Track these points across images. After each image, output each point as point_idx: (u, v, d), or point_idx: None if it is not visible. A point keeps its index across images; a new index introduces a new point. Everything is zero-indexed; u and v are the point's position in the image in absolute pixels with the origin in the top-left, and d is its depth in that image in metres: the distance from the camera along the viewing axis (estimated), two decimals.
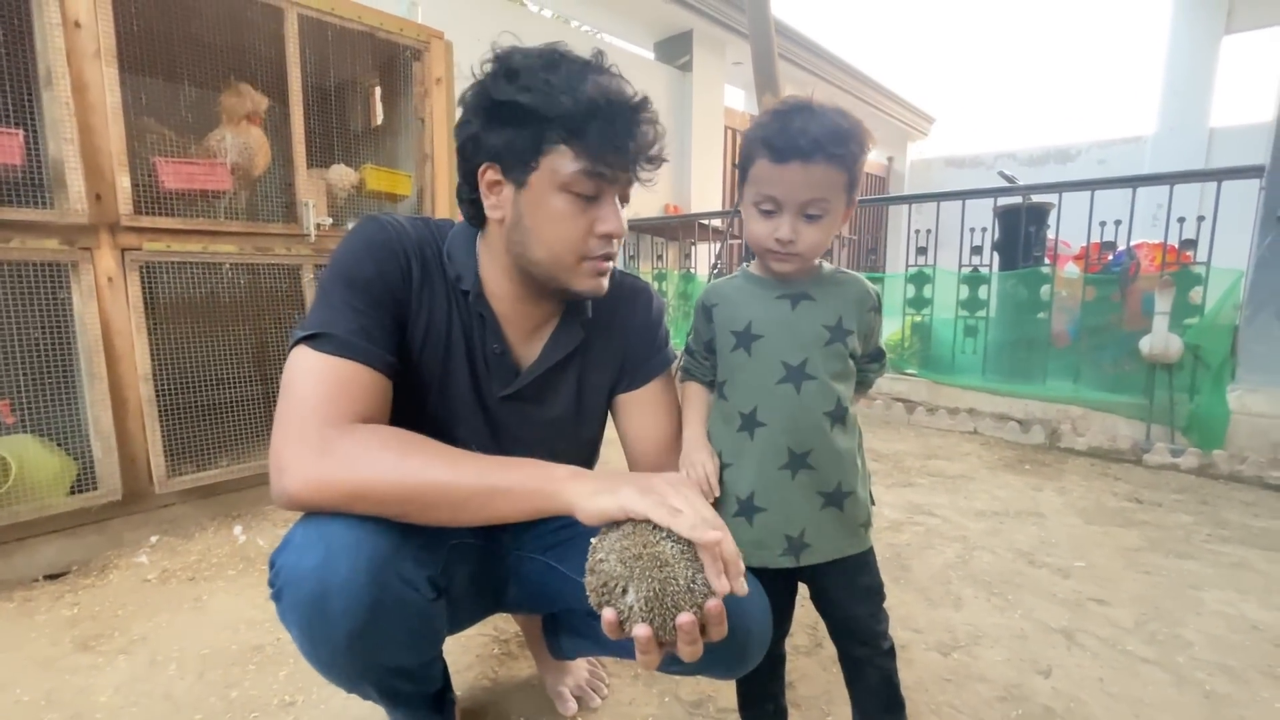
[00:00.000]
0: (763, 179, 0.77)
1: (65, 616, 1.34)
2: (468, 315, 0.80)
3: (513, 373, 0.83)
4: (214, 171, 1.70)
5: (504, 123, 0.70)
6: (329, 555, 0.61)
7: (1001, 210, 3.35)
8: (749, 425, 0.81)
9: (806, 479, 0.80)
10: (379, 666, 0.70)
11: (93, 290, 1.52)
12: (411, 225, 0.79)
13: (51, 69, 1.41)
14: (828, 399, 0.80)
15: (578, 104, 0.67)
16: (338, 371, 0.67)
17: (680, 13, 5.42)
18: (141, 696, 1.09)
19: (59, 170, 1.45)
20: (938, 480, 2.31)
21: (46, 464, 1.54)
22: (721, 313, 0.85)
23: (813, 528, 0.81)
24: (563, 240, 0.72)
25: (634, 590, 0.59)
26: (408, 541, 0.66)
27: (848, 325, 0.81)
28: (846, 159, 0.75)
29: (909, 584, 1.51)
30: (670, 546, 0.60)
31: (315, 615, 0.62)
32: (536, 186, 0.72)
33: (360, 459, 0.63)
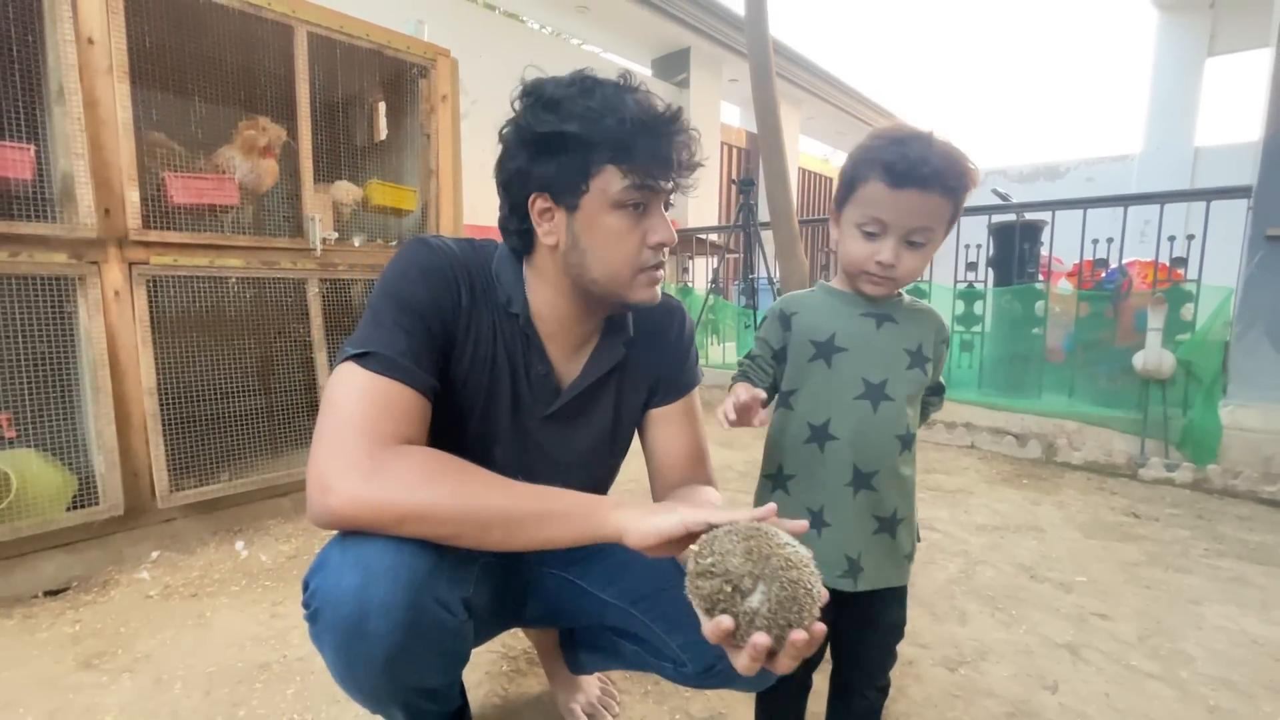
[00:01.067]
0: (873, 201, 0.76)
1: (67, 634, 1.32)
2: (513, 338, 0.81)
3: (554, 393, 0.83)
4: (222, 186, 1.71)
5: (551, 153, 0.72)
6: (368, 577, 0.61)
7: (996, 227, 3.41)
8: (819, 437, 0.81)
9: (866, 500, 0.80)
10: (411, 688, 0.70)
11: (99, 304, 1.52)
12: (460, 249, 0.80)
13: (64, 84, 1.42)
14: (901, 422, 0.80)
15: (620, 124, 0.69)
16: (385, 391, 0.68)
17: (678, 31, 5.50)
18: (148, 716, 1.08)
19: (69, 185, 1.46)
20: (937, 494, 2.32)
21: (48, 479, 1.53)
22: (802, 321, 0.84)
23: (866, 552, 0.81)
24: (620, 256, 0.74)
25: (763, 592, 0.55)
26: (443, 562, 0.66)
27: (927, 353, 0.82)
28: (958, 193, 0.75)
29: (914, 599, 1.52)
30: (794, 550, 0.58)
31: (354, 637, 0.62)
32: (588, 208, 0.73)
33: (416, 483, 0.63)
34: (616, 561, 0.88)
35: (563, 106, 0.71)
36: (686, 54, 5.85)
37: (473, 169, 4.16)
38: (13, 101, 1.41)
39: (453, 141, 2.22)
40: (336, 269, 1.94)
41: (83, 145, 1.46)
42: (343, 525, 0.64)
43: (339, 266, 1.94)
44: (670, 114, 0.73)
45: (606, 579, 0.88)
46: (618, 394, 0.88)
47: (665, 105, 0.74)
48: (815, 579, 0.58)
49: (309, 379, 1.93)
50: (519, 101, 0.75)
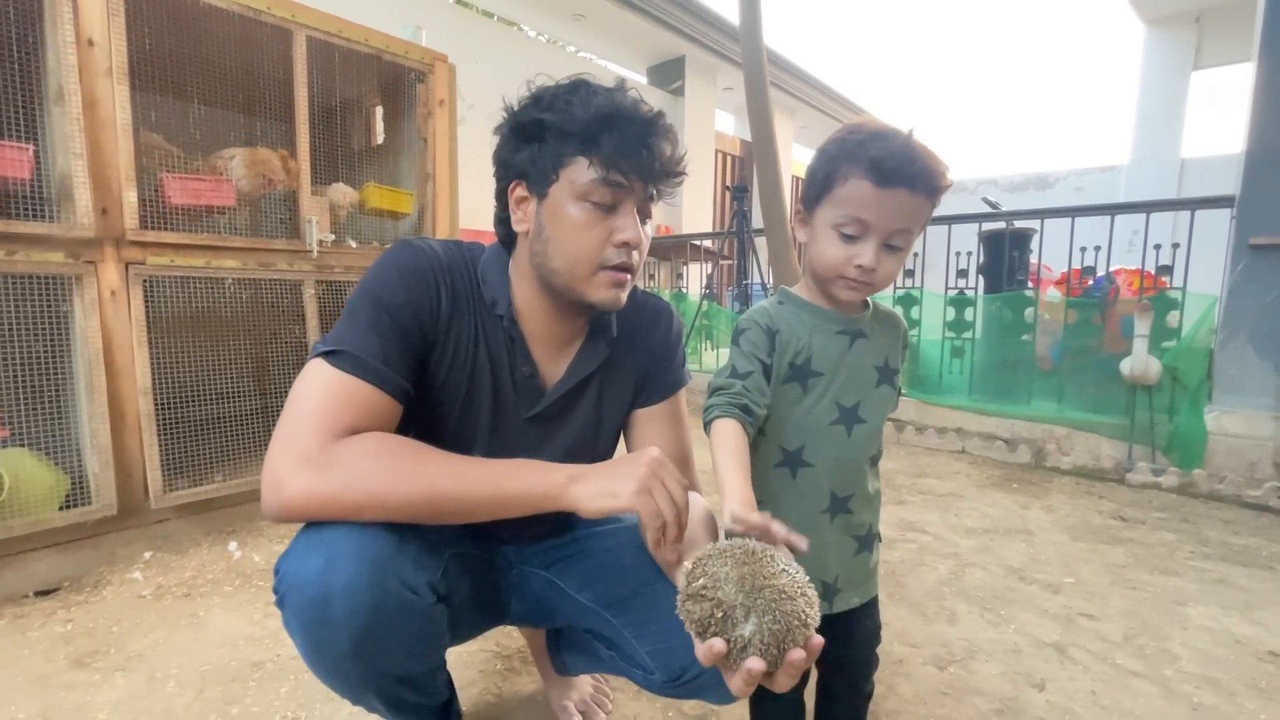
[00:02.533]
0: (855, 200, 0.70)
1: (59, 633, 1.32)
2: (497, 339, 0.81)
3: (538, 394, 0.84)
4: (219, 188, 1.72)
5: (528, 140, 0.75)
6: (330, 560, 0.62)
7: (986, 235, 3.45)
8: (792, 463, 0.78)
9: (843, 523, 0.79)
10: (383, 674, 0.71)
11: (95, 304, 1.52)
12: (445, 251, 0.80)
13: (64, 85, 1.43)
14: (873, 443, 0.80)
15: (592, 117, 0.71)
16: (349, 389, 0.68)
17: (673, 39, 5.55)
18: (141, 714, 1.08)
19: (66, 185, 1.46)
20: (928, 498, 2.34)
21: (40, 478, 1.52)
22: (782, 340, 0.79)
23: (845, 572, 0.80)
24: (580, 248, 0.73)
25: (755, 623, 0.54)
26: (407, 545, 0.67)
27: (893, 364, 0.81)
28: (938, 195, 0.72)
29: (904, 600, 1.54)
30: (788, 580, 0.56)
31: (318, 620, 0.63)
32: (556, 197, 0.74)
33: (367, 471, 0.63)
34: (596, 563, 0.89)
35: (544, 100, 0.74)
36: (681, 62, 5.90)
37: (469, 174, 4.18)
38: (12, 101, 1.41)
39: (449, 146, 2.24)
40: (333, 271, 1.95)
41: (81, 145, 1.46)
42: (297, 519, 0.64)
43: (335, 269, 1.95)
44: (649, 115, 0.73)
45: (584, 580, 0.88)
46: (600, 394, 0.88)
47: (649, 109, 0.74)
48: (811, 605, 0.56)
49: None
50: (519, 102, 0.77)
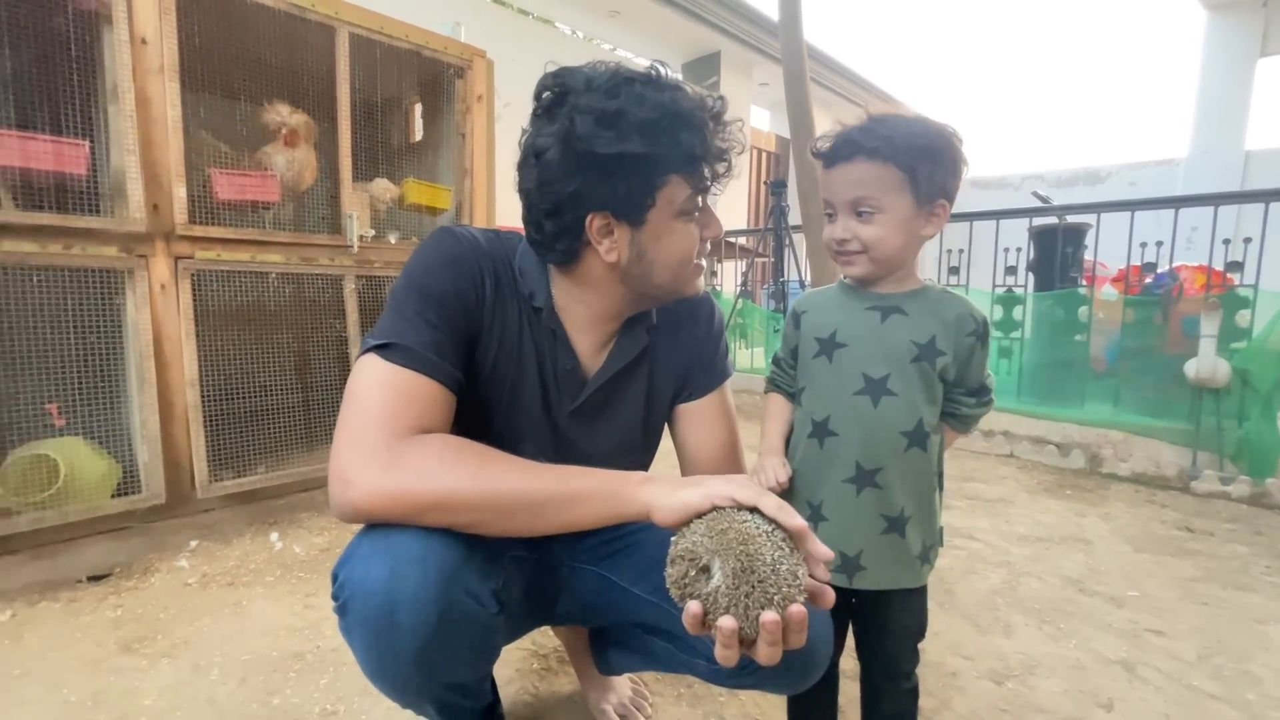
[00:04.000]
0: (823, 186, 0.81)
1: (109, 618, 1.35)
2: (539, 332, 0.79)
3: (579, 387, 0.82)
4: (265, 183, 1.74)
5: (613, 173, 0.68)
6: (396, 568, 0.60)
7: (1037, 231, 3.31)
8: (819, 433, 0.81)
9: (871, 498, 0.78)
10: (442, 683, 0.69)
11: (146, 297, 1.55)
12: (485, 239, 0.78)
13: (118, 84, 1.46)
14: (907, 418, 0.78)
15: (684, 135, 0.68)
16: (406, 383, 0.66)
17: (709, 34, 5.49)
18: (186, 701, 1.09)
19: (120, 180, 1.50)
20: (976, 503, 2.25)
21: (94, 466, 1.57)
22: (810, 320, 0.86)
23: (871, 551, 0.79)
24: (685, 256, 0.75)
25: (719, 567, 0.55)
26: (473, 554, 0.65)
27: (941, 346, 0.79)
28: (886, 152, 0.74)
29: (954, 609, 1.47)
30: (755, 525, 0.56)
31: (383, 630, 0.61)
32: (655, 221, 0.72)
33: (435, 470, 0.62)
34: (648, 556, 0.86)
35: (621, 122, 0.66)
36: (717, 58, 5.84)
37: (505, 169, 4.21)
38: (70, 99, 1.45)
39: (487, 141, 2.24)
40: (372, 266, 1.96)
41: (134, 142, 1.50)
42: (365, 518, 0.63)
43: (375, 263, 1.97)
44: (719, 108, 0.72)
45: (639, 573, 0.86)
46: (649, 385, 0.86)
47: (711, 99, 0.72)
48: (782, 554, 0.55)
49: (344, 374, 1.95)
50: (557, 109, 0.69)
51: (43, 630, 1.30)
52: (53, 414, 1.61)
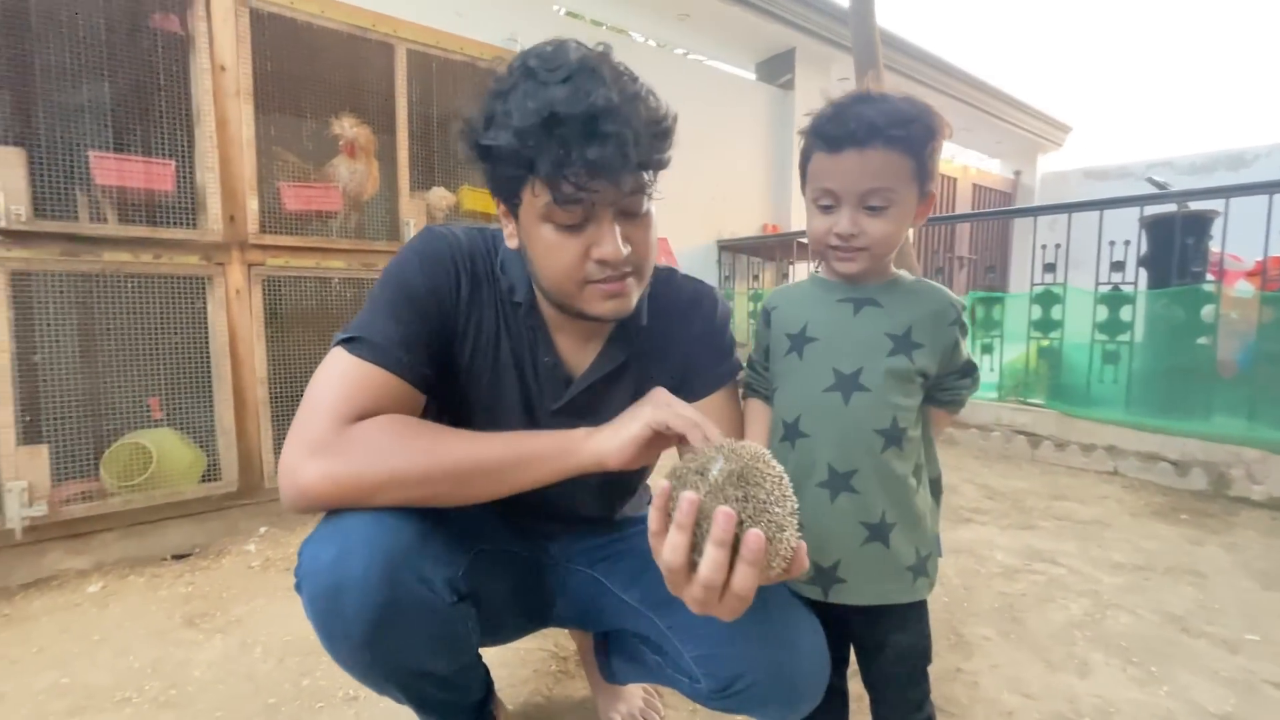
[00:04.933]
0: (819, 172, 0.72)
1: (181, 594, 1.48)
2: (519, 327, 0.78)
3: (564, 384, 0.79)
4: (328, 194, 1.86)
5: (488, 161, 0.67)
6: (345, 550, 0.61)
7: (1150, 221, 2.95)
8: (791, 435, 0.74)
9: (848, 504, 0.71)
10: (402, 668, 0.68)
11: (223, 301, 1.70)
12: (466, 236, 0.78)
13: (199, 107, 1.61)
14: (880, 416, 0.71)
15: (538, 136, 0.61)
16: (364, 375, 0.67)
17: (782, 31, 5.34)
18: (229, 675, 1.17)
19: (201, 195, 1.65)
20: (1065, 525, 2.01)
21: (182, 455, 1.73)
22: (780, 315, 0.80)
23: (850, 562, 0.72)
24: (557, 269, 0.67)
25: (719, 466, 0.54)
26: (428, 542, 0.65)
27: (918, 339, 0.72)
28: (909, 142, 0.69)
29: (1021, 640, 1.31)
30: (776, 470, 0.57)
31: (331, 610, 0.61)
32: (524, 219, 0.69)
33: (381, 449, 0.62)
34: (642, 561, 0.81)
35: (494, 115, 0.64)
36: (791, 55, 5.66)
37: None
38: (158, 122, 1.61)
39: None
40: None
41: (214, 160, 1.64)
42: (315, 505, 0.63)
43: None
44: (596, 104, 0.60)
45: (630, 579, 0.82)
46: (634, 387, 0.81)
47: (603, 98, 0.60)
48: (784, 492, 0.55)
49: None
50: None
51: (125, 601, 1.44)
52: (153, 408, 1.80)
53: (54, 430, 1.52)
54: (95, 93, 1.59)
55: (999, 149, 10.19)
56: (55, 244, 1.47)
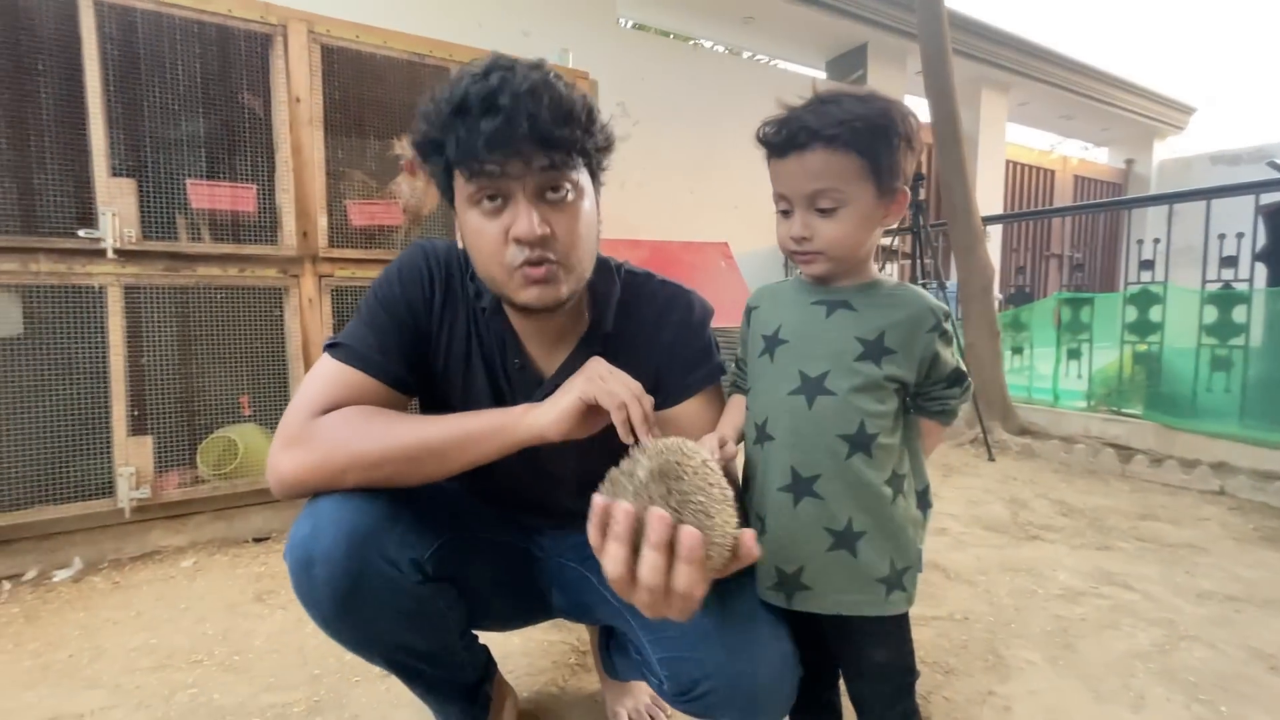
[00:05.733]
0: (773, 178, 0.73)
1: (255, 572, 1.64)
2: (489, 334, 0.82)
3: (535, 385, 0.83)
4: (390, 210, 2.01)
5: (424, 160, 0.73)
6: (316, 527, 0.68)
7: (1270, 210, 2.62)
8: (761, 438, 0.74)
9: (812, 509, 0.69)
10: (377, 639, 0.74)
11: (297, 309, 1.88)
12: (447, 248, 0.83)
13: (278, 136, 1.80)
14: (845, 421, 0.69)
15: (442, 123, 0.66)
16: (338, 375, 0.74)
17: (852, 26, 5.18)
18: (283, 646, 1.29)
19: (279, 214, 1.83)
20: (1148, 547, 1.83)
21: (264, 448, 1.92)
22: (758, 316, 0.80)
23: (814, 569, 0.70)
24: (483, 253, 0.71)
25: (645, 466, 0.55)
26: (395, 524, 0.70)
27: (890, 344, 0.70)
28: (853, 140, 0.66)
29: (1069, 668, 1.21)
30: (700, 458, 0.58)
31: (304, 582, 0.68)
32: (459, 211, 0.73)
33: (343, 436, 0.69)
34: None
35: (426, 112, 0.70)
36: (863, 51, 5.47)
37: (630, 187, 4.35)
38: (242, 151, 1.81)
39: None
40: None
41: (289, 182, 1.82)
42: (295, 490, 0.70)
43: None
44: (495, 84, 0.64)
45: None
46: None
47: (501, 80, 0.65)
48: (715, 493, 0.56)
49: None
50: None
51: (210, 577, 1.62)
52: (243, 405, 2.01)
53: (157, 423, 1.74)
54: (192, 128, 1.81)
55: (1106, 136, 9.33)
56: (159, 261, 1.69)
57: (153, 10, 1.64)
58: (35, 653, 1.27)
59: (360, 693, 1.14)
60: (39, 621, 1.39)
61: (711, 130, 4.75)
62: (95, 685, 1.16)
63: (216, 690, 1.15)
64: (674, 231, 4.21)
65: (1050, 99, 7.28)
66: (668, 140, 4.62)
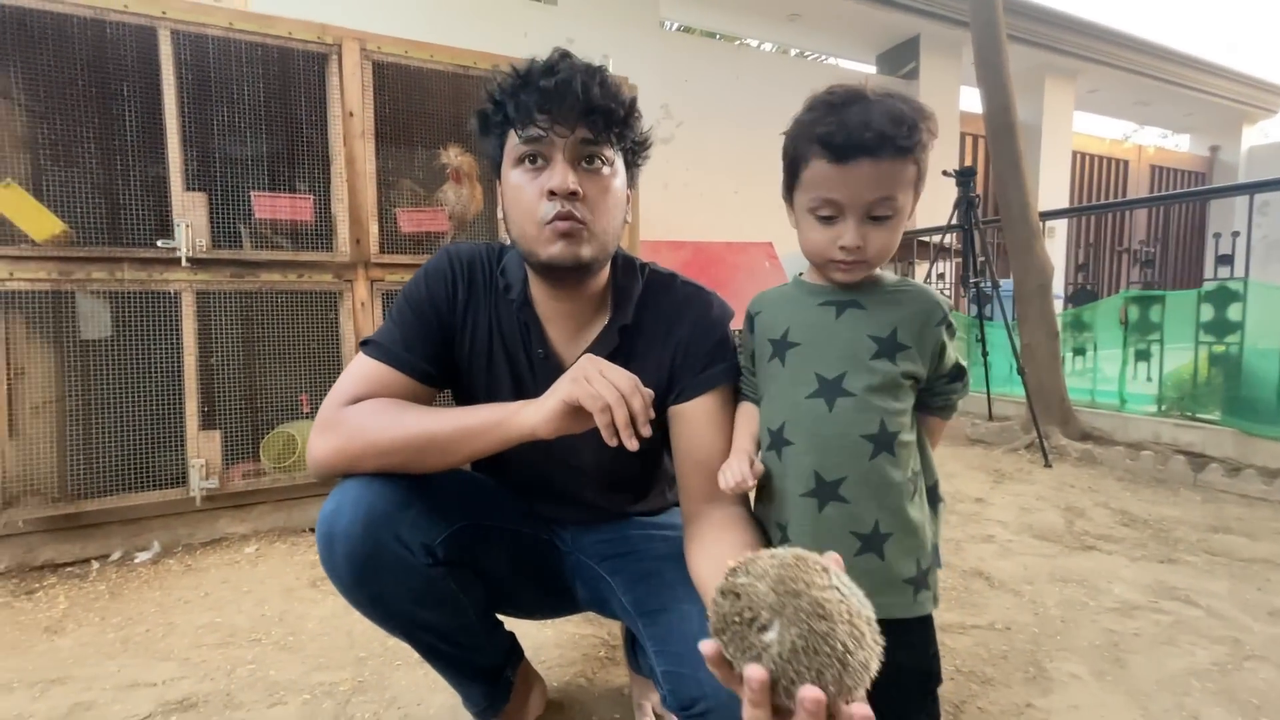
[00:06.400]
0: (819, 181, 0.69)
1: (311, 560, 1.75)
2: (513, 324, 0.86)
3: (557, 374, 0.85)
4: (436, 217, 2.10)
5: (484, 134, 0.81)
6: (339, 505, 0.74)
7: None
8: (777, 444, 0.73)
9: (837, 514, 0.69)
10: (394, 614, 0.80)
11: (351, 312, 1.98)
12: (470, 249, 0.89)
13: (332, 148, 1.91)
14: (867, 421, 0.69)
15: (507, 87, 0.75)
16: (367, 370, 0.81)
17: (903, 18, 5.05)
18: (333, 630, 1.37)
19: (334, 223, 1.94)
20: (1219, 561, 1.71)
21: None
22: (762, 320, 0.80)
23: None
24: (522, 209, 0.76)
25: (779, 631, 0.46)
26: (409, 508, 0.76)
27: (903, 340, 0.70)
28: (915, 150, 0.67)
29: (1118, 683, 1.15)
30: (836, 596, 0.48)
31: (326, 554, 0.76)
32: (504, 175, 0.79)
33: (363, 424, 0.75)
34: (644, 568, 0.87)
35: (491, 87, 0.77)
36: (915, 42, 5.32)
37: (674, 188, 4.36)
38: (301, 164, 1.93)
39: None
40: None
41: (344, 192, 1.93)
42: (324, 472, 0.77)
43: None
44: (556, 62, 0.74)
45: (630, 583, 0.87)
46: None
47: (561, 57, 0.75)
48: (861, 642, 0.47)
49: None
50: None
51: (270, 563, 1.73)
52: (303, 403, 2.14)
53: (224, 419, 1.87)
54: (255, 143, 1.94)
55: (1189, 122, 8.73)
56: (227, 268, 1.82)
57: (222, 35, 1.77)
58: (117, 626, 1.39)
59: (400, 676, 1.21)
60: (121, 598, 1.53)
61: (757, 129, 4.71)
62: (167, 658, 1.27)
63: (273, 667, 1.23)
64: (718, 232, 4.20)
65: (1123, 85, 6.87)
66: (712, 141, 4.61)
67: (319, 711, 1.10)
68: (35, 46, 1.68)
